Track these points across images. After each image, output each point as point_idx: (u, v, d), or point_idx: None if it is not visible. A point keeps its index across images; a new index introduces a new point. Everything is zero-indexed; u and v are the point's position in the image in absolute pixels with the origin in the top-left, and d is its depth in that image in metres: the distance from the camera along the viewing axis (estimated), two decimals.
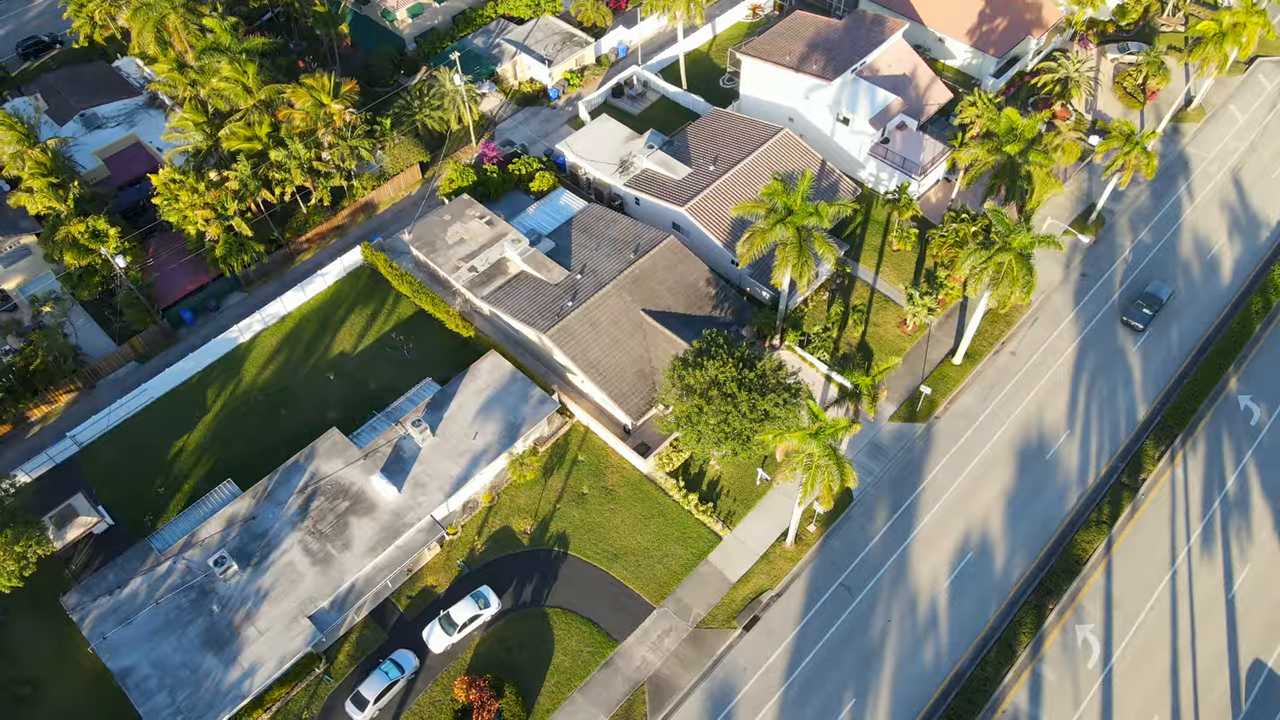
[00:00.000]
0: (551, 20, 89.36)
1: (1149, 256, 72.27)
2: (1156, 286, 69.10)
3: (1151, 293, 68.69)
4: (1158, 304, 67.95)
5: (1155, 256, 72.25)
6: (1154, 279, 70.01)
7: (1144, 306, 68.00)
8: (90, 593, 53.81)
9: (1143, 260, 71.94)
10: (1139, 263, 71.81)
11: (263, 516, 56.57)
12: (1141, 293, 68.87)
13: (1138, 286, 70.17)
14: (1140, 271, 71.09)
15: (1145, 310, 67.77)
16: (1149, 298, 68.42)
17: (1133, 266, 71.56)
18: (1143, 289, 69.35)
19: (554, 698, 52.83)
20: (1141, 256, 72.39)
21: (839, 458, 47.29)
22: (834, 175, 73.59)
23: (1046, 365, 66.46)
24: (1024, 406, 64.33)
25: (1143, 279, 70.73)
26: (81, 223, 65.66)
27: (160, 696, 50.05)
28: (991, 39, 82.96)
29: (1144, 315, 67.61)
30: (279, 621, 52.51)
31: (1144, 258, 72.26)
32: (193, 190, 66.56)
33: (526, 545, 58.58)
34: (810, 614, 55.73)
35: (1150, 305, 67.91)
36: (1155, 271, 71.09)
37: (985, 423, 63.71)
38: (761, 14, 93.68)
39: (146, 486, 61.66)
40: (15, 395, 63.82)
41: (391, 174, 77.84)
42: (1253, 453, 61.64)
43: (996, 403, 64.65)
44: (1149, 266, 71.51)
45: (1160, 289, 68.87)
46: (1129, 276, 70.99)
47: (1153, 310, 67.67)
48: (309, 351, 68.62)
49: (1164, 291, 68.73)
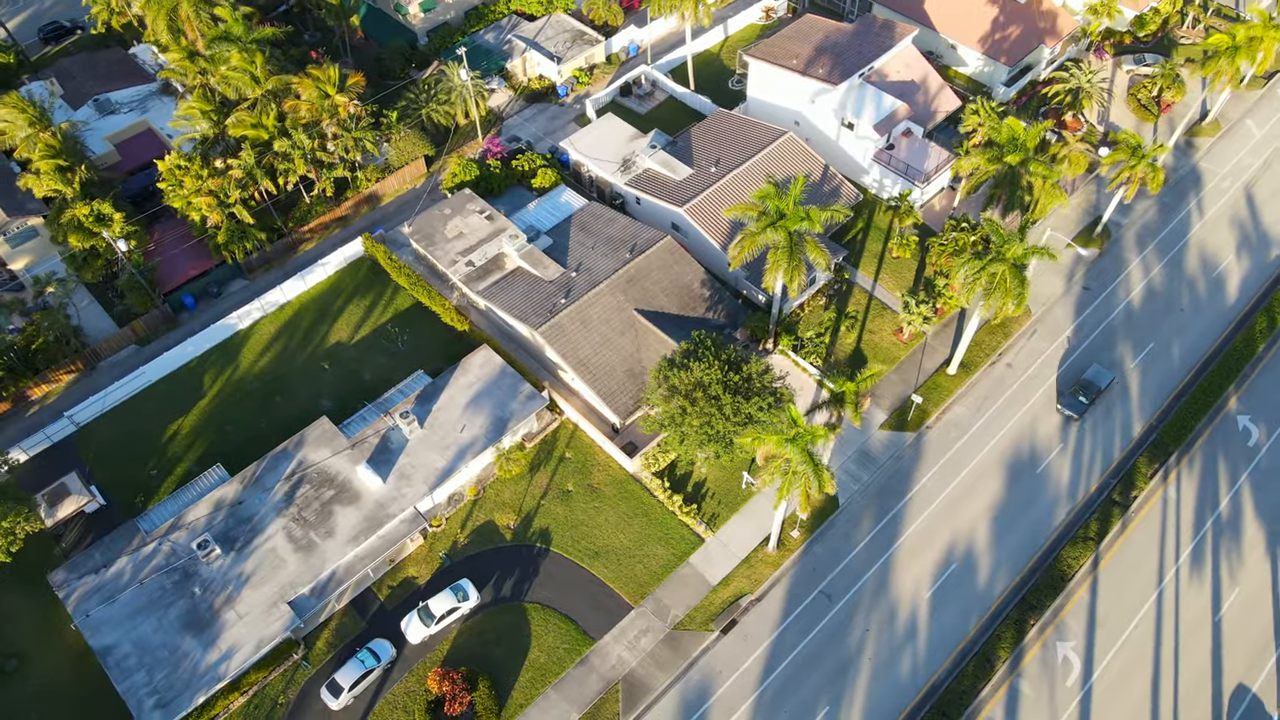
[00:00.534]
0: (563, 18, 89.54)
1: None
2: (1096, 373, 63.47)
3: (1089, 379, 63.24)
4: (1095, 391, 62.62)
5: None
6: (1094, 363, 64.69)
7: (1080, 394, 62.50)
8: (77, 570, 54.65)
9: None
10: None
11: (249, 502, 57.18)
12: (1079, 379, 63.59)
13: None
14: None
15: (1081, 398, 62.28)
16: (1086, 385, 62.92)
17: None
18: (1080, 374, 64.24)
19: (528, 693, 53.00)
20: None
21: (816, 464, 47.05)
22: (836, 180, 73.18)
23: (1043, 378, 65.74)
24: (1018, 419, 63.68)
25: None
26: (87, 206, 66.62)
27: (139, 675, 50.75)
28: (1004, 47, 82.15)
29: (1079, 404, 62.13)
30: (259, 606, 53.06)
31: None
32: (196, 177, 67.38)
33: (509, 540, 58.80)
34: (789, 620, 55.51)
35: (1087, 393, 62.54)
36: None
37: (977, 434, 63.13)
38: (774, 16, 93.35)
39: (140, 468, 62.50)
40: (16, 374, 64.88)
41: (396, 166, 78.35)
42: (1249, 474, 60.64)
43: (990, 414, 64.04)
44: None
45: (1099, 375, 63.32)
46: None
47: (1089, 398, 62.28)
48: (306, 340, 69.24)
49: (1103, 378, 63.22)
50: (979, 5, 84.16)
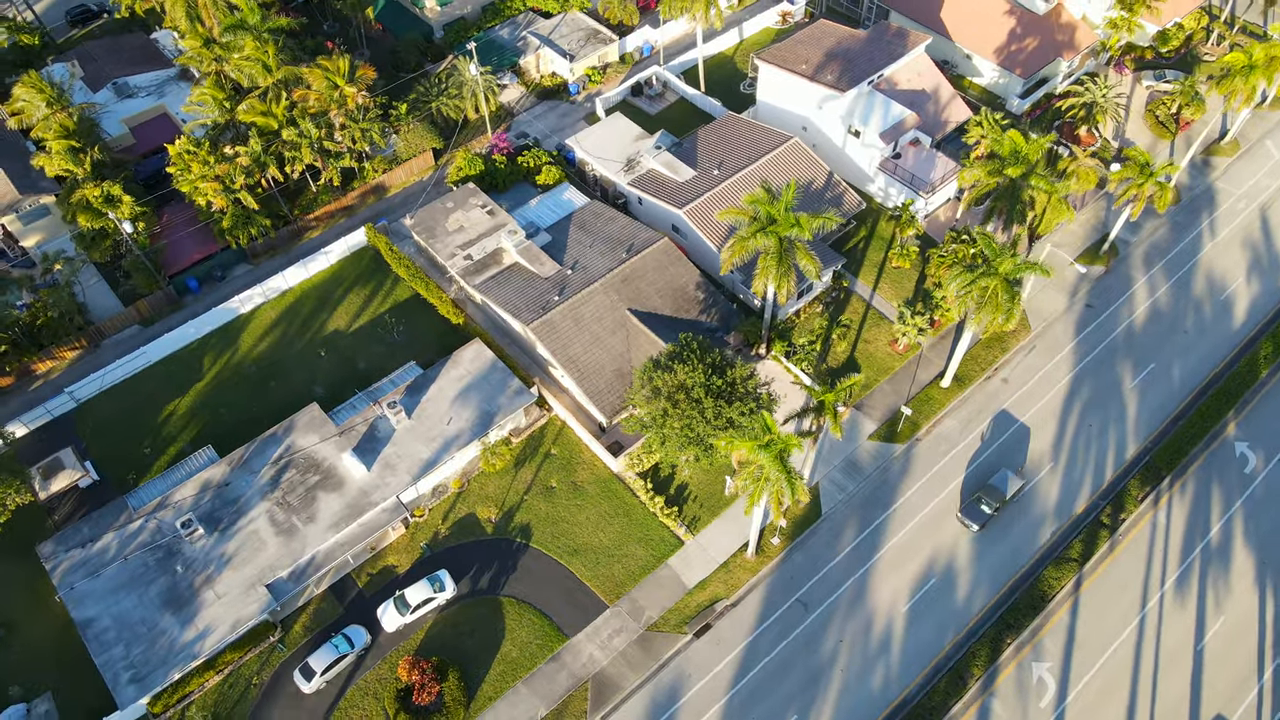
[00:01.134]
0: (579, 16, 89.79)
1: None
2: (1002, 478, 58.65)
3: (994, 485, 58.48)
4: (999, 498, 57.90)
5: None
6: (1002, 467, 59.89)
7: (983, 501, 57.88)
8: (64, 543, 55.76)
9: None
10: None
11: (236, 484, 58.01)
12: (984, 484, 58.98)
13: None
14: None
15: (984, 507, 57.58)
16: (991, 490, 58.26)
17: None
18: (986, 479, 59.70)
19: (497, 686, 53.31)
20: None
21: (789, 471, 46.84)
22: (840, 188, 72.74)
23: (1038, 395, 64.95)
24: (1009, 438, 62.90)
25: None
26: (97, 187, 67.86)
27: (117, 649, 51.69)
28: (1019, 58, 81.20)
29: (982, 514, 57.47)
30: (237, 587, 53.83)
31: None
32: (204, 162, 68.40)
33: (489, 533, 59.15)
34: (763, 626, 55.33)
35: (991, 500, 57.87)
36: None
37: (966, 449, 62.50)
38: (791, 21, 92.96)
39: (135, 446, 63.62)
40: (21, 349, 66.25)
41: (404, 158, 79.05)
42: (1242, 502, 59.51)
43: (980, 429, 63.36)
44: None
45: (1005, 481, 58.55)
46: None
47: (993, 507, 57.60)
48: (305, 327, 70.07)
49: (1008, 485, 58.46)
50: (996, 16, 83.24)
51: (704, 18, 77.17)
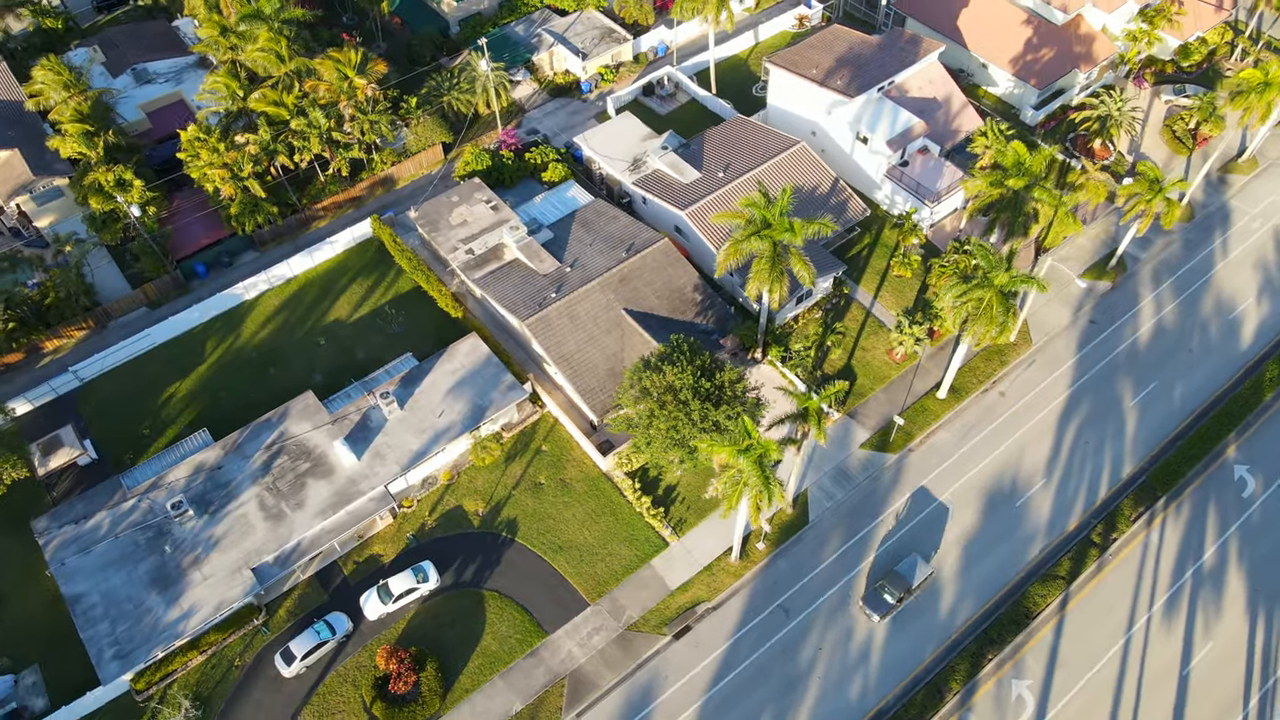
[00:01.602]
0: (594, 15, 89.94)
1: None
2: (909, 565, 55.36)
3: (900, 573, 55.21)
4: (905, 587, 54.63)
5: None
6: (912, 552, 56.63)
7: (886, 590, 54.66)
8: (58, 519, 56.78)
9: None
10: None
11: (228, 467, 58.77)
12: (889, 571, 55.66)
13: None
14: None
15: (887, 596, 54.42)
16: (895, 578, 55.00)
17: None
18: (892, 566, 56.24)
19: (475, 679, 53.61)
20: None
21: (767, 477, 46.70)
22: (845, 194, 72.34)
23: (1035, 409, 64.26)
24: (1004, 449, 62.35)
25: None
26: (109, 171, 68.98)
27: (103, 626, 52.58)
28: (1035, 69, 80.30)
29: (884, 603, 54.40)
30: (223, 569, 54.55)
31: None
32: (213, 149, 69.30)
33: (476, 527, 59.49)
34: (743, 631, 55.22)
35: (895, 589, 54.58)
36: None
37: (959, 461, 61.98)
38: (808, 25, 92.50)
39: (134, 426, 64.63)
40: (29, 327, 67.49)
41: (414, 151, 79.63)
42: (1239, 526, 58.52)
43: (975, 442, 62.81)
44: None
45: (912, 568, 55.15)
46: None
47: (897, 597, 54.33)
48: (307, 315, 70.81)
49: (915, 573, 55.03)
50: (1013, 25, 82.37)
51: (715, 20, 77.00)
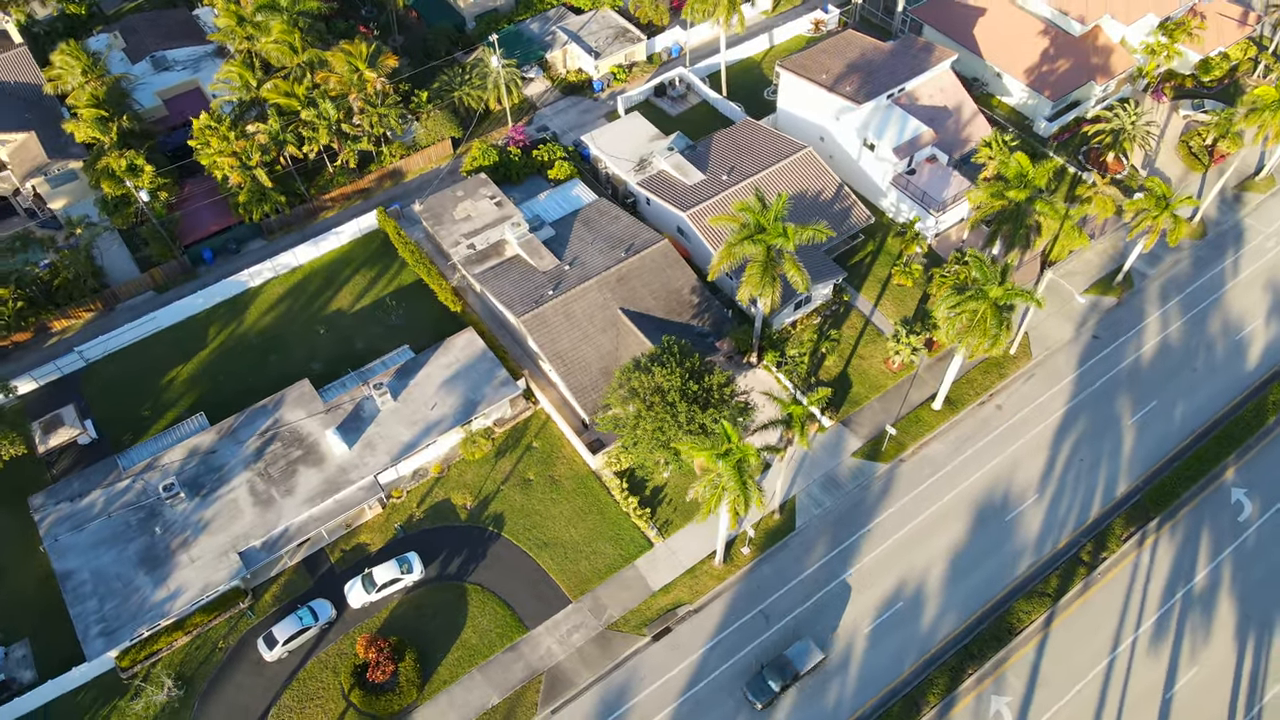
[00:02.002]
0: (609, 14, 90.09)
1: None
2: (799, 650, 52.20)
3: (788, 658, 52.10)
4: (792, 675, 51.63)
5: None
6: (804, 635, 53.65)
7: (770, 677, 51.56)
8: (55, 496, 57.87)
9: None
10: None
11: (221, 451, 59.59)
12: (776, 656, 52.60)
13: None
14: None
15: (771, 683, 51.30)
16: (781, 664, 51.88)
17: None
18: (779, 652, 53.03)
19: (453, 670, 53.97)
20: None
21: (745, 482, 46.63)
22: (849, 200, 71.99)
23: (1031, 424, 63.60)
24: (997, 463, 61.77)
25: None
26: (121, 156, 70.17)
27: (91, 603, 53.52)
28: (1049, 80, 79.40)
29: (768, 690, 51.34)
30: (211, 552, 55.32)
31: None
32: (223, 138, 70.23)
33: (463, 520, 59.87)
34: (722, 635, 55.14)
35: (780, 676, 51.57)
36: None
37: (951, 473, 61.49)
38: (824, 29, 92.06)
39: (135, 408, 65.67)
40: (38, 306, 68.76)
41: (423, 145, 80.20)
42: (1233, 550, 57.59)
43: (968, 455, 62.28)
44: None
45: (802, 654, 52.10)
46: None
47: (781, 684, 51.31)
48: (309, 304, 71.58)
49: (805, 659, 52.01)
50: (1029, 35, 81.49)
51: (725, 22, 76.88)
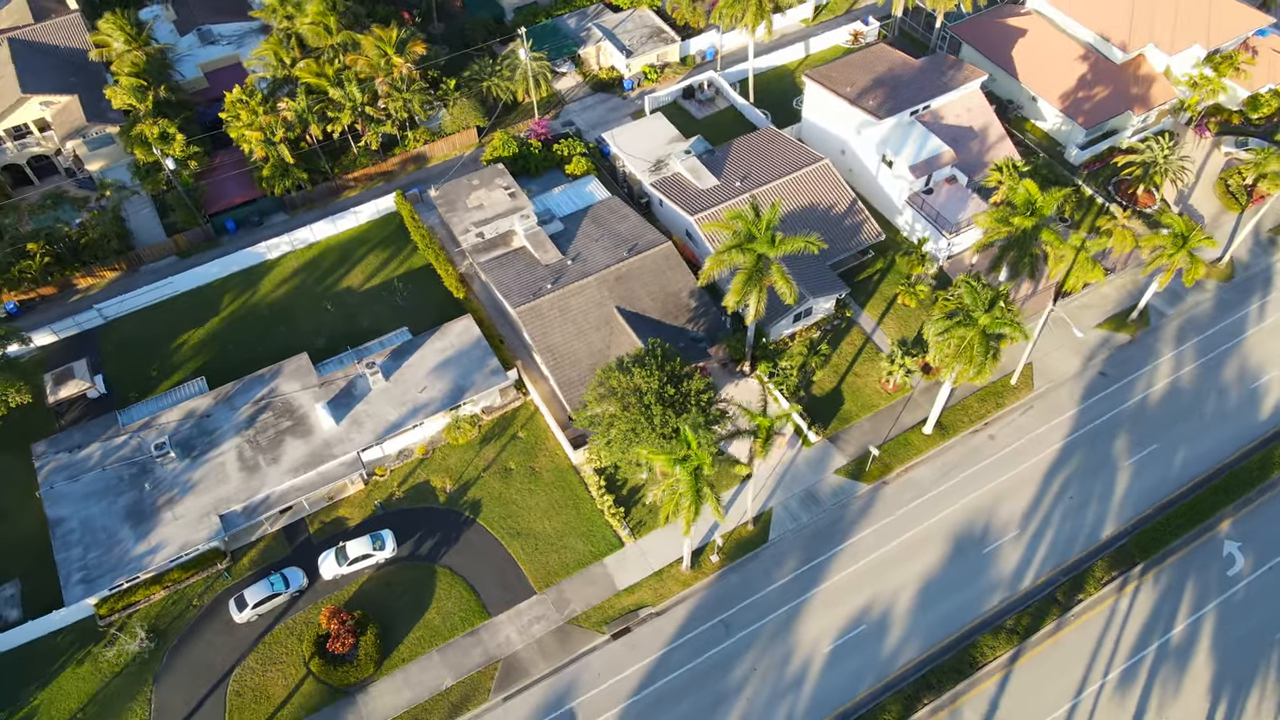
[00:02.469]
0: (646, 13, 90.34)
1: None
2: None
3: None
4: None
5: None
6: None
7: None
8: (56, 446, 60.35)
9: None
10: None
11: (216, 416, 61.48)
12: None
13: None
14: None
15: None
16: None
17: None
18: None
19: (413, 649, 54.96)
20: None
21: (700, 489, 46.61)
22: (860, 215, 71.20)
23: (1023, 457, 62.26)
24: (982, 493, 60.64)
25: None
26: (155, 124, 72.74)
27: (76, 550, 55.75)
28: (1084, 107, 77.40)
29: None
30: (194, 512, 57.16)
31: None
32: (252, 112, 72.31)
33: (441, 503, 60.85)
34: (681, 640, 55.21)
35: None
36: None
37: (934, 499, 60.54)
38: (863, 41, 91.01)
39: (145, 367, 68.08)
40: (64, 263, 71.63)
41: (449, 132, 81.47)
42: (1217, 604, 55.68)
43: (954, 482, 61.25)
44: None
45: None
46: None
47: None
48: (322, 280, 73.35)
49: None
50: (1068, 60, 79.54)
51: (752, 29, 76.52)
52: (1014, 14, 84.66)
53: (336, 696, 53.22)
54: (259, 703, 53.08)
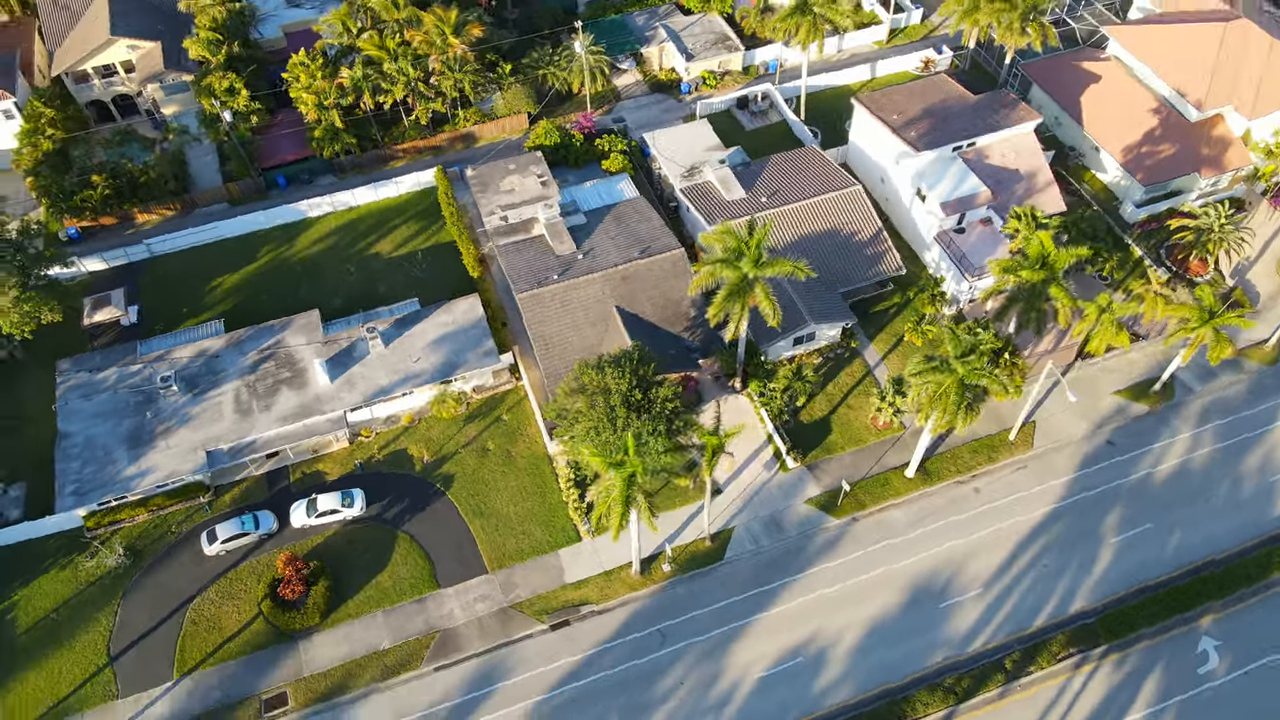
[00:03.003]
0: (715, 20, 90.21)
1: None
2: None
3: None
4: None
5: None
6: None
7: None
8: (78, 365, 64.83)
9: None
10: None
11: (223, 358, 64.91)
12: None
13: None
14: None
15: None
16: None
17: None
18: None
19: (360, 607, 56.98)
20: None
21: (631, 496, 46.85)
22: (883, 246, 69.65)
23: (1005, 515, 60.09)
24: (952, 545, 58.85)
25: None
26: (224, 78, 76.90)
27: (75, 464, 59.90)
28: (1146, 163, 73.68)
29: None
30: (184, 445, 60.59)
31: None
32: (311, 76, 75.65)
33: (416, 472, 62.73)
34: (615, 642, 55.58)
35: None
36: None
37: (902, 544, 59.07)
38: (934, 69, 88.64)
39: (176, 304, 72.24)
40: (124, 197, 76.51)
41: (500, 115, 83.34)
42: (1181, 700, 52.68)
43: (927, 530, 59.62)
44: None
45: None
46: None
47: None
48: (353, 243, 76.28)
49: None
50: (1139, 112, 75.73)
51: (803, 45, 75.61)
52: (1092, 58, 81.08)
53: (280, 639, 55.71)
54: (211, 632, 56.04)
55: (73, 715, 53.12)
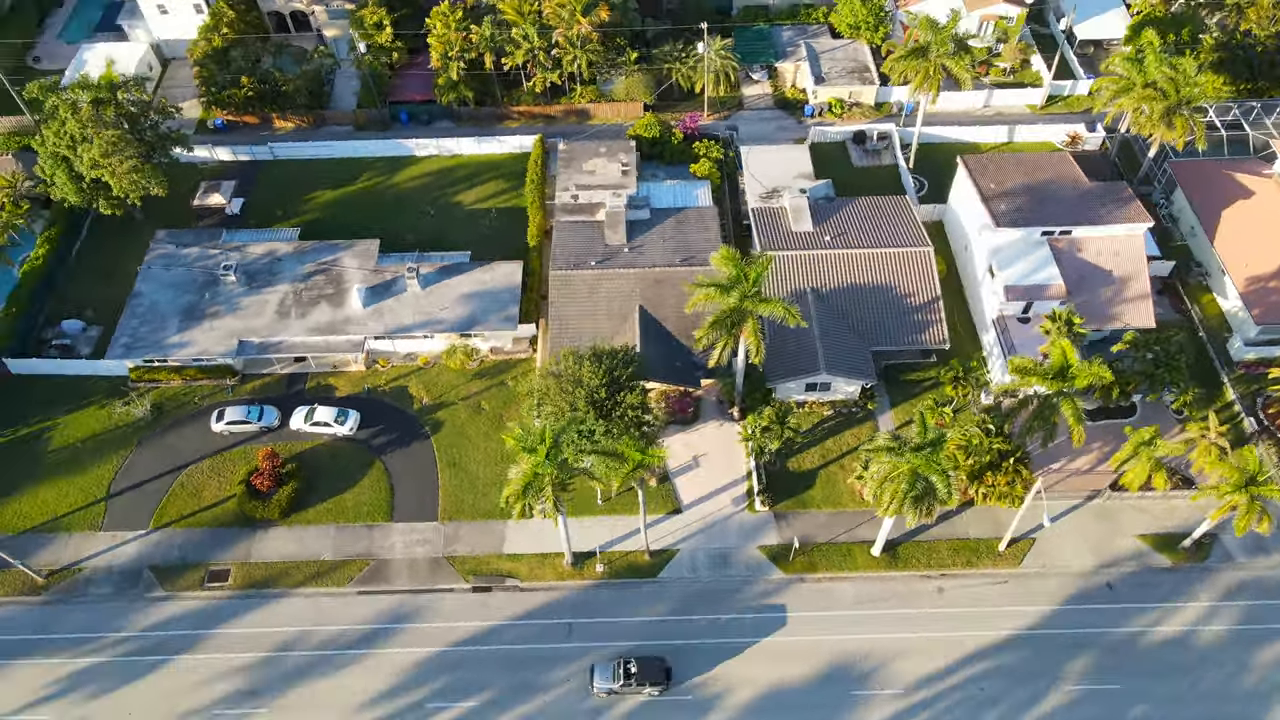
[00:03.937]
0: (861, 48, 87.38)
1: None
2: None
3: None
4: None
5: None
6: None
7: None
8: (170, 239, 72.73)
9: None
10: None
11: (285, 262, 70.83)
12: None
13: None
14: None
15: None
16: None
17: None
18: None
19: (318, 515, 61.18)
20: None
21: (526, 485, 47.66)
22: (934, 316, 65.69)
23: (961, 625, 56.07)
24: (890, 638, 55.63)
25: None
26: (375, 12, 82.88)
27: (134, 321, 67.61)
28: (1269, 299, 65.34)
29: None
30: (224, 330, 66.90)
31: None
32: (445, 26, 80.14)
33: (413, 410, 66.17)
34: (525, 621, 56.82)
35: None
36: None
37: (840, 619, 56.52)
38: (1080, 145, 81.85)
39: (275, 205, 79.20)
40: (265, 102, 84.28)
41: (617, 98, 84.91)
42: None
43: (871, 613, 56.69)
44: None
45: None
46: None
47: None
48: (442, 188, 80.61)
49: None
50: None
51: (920, 92, 72.01)
52: (1253, 171, 72.45)
53: (242, 522, 60.86)
54: (190, 498, 62.06)
55: (61, 533, 60.59)
